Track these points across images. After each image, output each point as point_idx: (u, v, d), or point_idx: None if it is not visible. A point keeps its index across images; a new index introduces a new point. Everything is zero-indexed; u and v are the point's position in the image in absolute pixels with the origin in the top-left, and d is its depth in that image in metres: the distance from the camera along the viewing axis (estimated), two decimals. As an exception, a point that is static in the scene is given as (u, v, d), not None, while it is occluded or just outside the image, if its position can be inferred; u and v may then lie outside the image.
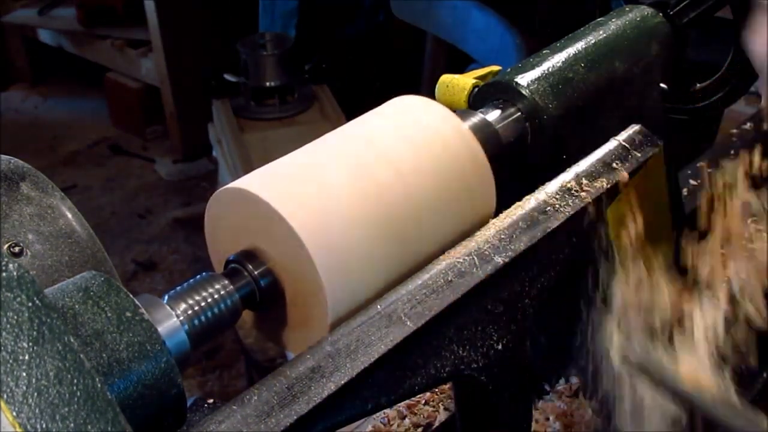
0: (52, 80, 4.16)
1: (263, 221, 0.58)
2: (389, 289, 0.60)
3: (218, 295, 0.57)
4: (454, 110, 0.69)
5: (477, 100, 0.75)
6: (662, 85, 0.85)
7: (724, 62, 0.90)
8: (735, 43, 0.87)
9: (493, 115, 0.71)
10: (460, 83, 0.77)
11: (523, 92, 0.72)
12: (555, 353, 0.60)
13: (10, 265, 0.41)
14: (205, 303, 0.56)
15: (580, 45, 0.77)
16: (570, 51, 0.76)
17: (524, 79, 0.72)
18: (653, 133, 0.76)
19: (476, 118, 0.70)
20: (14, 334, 0.39)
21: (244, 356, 2.30)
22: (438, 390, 0.95)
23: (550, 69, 0.74)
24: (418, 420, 0.93)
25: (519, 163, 0.74)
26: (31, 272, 0.44)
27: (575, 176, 0.70)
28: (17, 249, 0.55)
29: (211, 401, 0.66)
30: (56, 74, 4.13)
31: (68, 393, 0.39)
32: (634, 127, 0.76)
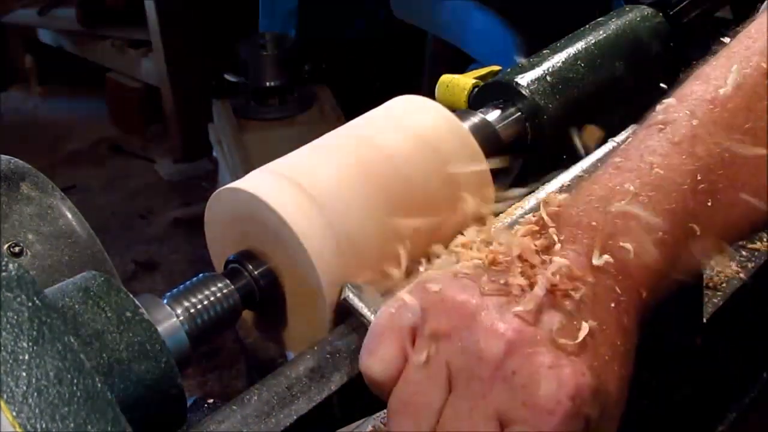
0: (52, 80, 4.15)
1: (263, 221, 0.58)
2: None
3: (218, 295, 0.57)
4: (454, 110, 0.69)
5: (477, 100, 0.75)
6: (662, 85, 0.85)
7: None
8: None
9: (493, 115, 0.71)
10: (460, 83, 0.77)
11: (523, 92, 0.72)
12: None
13: (10, 265, 0.41)
14: (205, 303, 0.56)
15: (580, 45, 0.77)
16: (570, 51, 0.76)
17: (524, 79, 0.72)
18: (653, 133, 0.75)
19: (476, 118, 0.70)
20: (14, 334, 0.39)
21: (244, 356, 2.30)
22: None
23: (550, 69, 0.74)
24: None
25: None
26: (31, 272, 0.44)
27: (575, 176, 0.70)
28: (17, 249, 0.55)
29: (211, 401, 0.66)
30: (56, 74, 4.13)
31: (68, 393, 0.39)
32: (634, 127, 0.75)
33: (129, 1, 3.53)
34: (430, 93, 0.75)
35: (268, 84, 2.85)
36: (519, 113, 0.73)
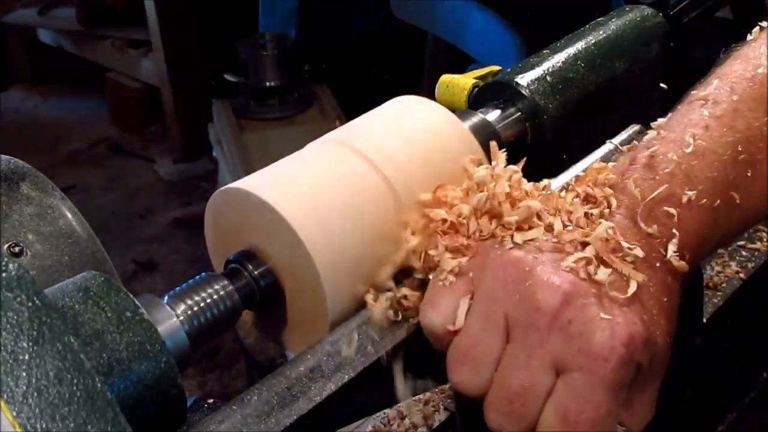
0: (52, 80, 4.15)
1: (263, 221, 0.58)
2: (389, 289, 0.59)
3: (218, 295, 0.57)
4: (454, 110, 0.69)
5: (477, 100, 0.75)
6: (662, 85, 0.85)
7: (724, 62, 0.89)
8: (735, 44, 0.87)
9: (493, 115, 0.71)
10: (460, 83, 0.77)
11: (523, 92, 0.72)
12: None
13: (10, 265, 0.41)
14: (205, 303, 0.56)
15: (580, 45, 0.77)
16: (570, 51, 0.76)
17: (524, 79, 0.72)
18: (653, 133, 0.75)
19: (476, 118, 0.70)
20: (14, 334, 0.39)
21: (244, 356, 2.30)
22: (438, 390, 0.95)
23: (550, 69, 0.74)
24: (418, 420, 0.93)
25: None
26: (31, 272, 0.44)
27: (576, 176, 0.70)
28: (17, 249, 0.55)
29: (211, 401, 0.66)
30: (56, 74, 4.13)
31: (68, 393, 0.39)
32: (634, 127, 0.75)
33: (129, 1, 3.53)
34: (430, 93, 0.75)
35: (268, 84, 2.86)
36: (519, 113, 0.72)
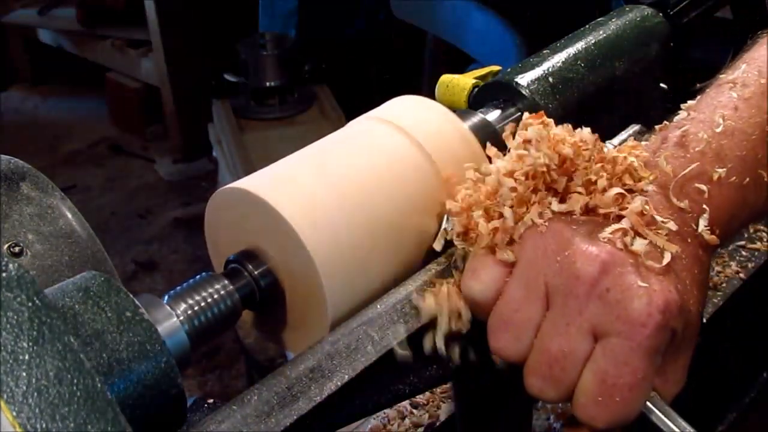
0: (52, 80, 4.15)
1: (263, 221, 0.58)
2: (389, 289, 0.60)
3: (218, 295, 0.57)
4: (454, 110, 0.69)
5: (477, 100, 0.75)
6: (662, 85, 0.85)
7: (724, 62, 0.89)
8: (735, 43, 0.87)
9: (493, 115, 0.71)
10: (460, 83, 0.77)
11: (523, 92, 0.72)
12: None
13: (10, 265, 0.41)
14: (205, 303, 0.56)
15: (580, 45, 0.77)
16: (570, 51, 0.76)
17: (524, 79, 0.72)
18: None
19: (476, 118, 0.70)
20: (14, 334, 0.39)
21: (244, 356, 2.30)
22: (438, 390, 0.95)
23: (550, 69, 0.74)
24: (418, 420, 0.93)
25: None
26: (31, 272, 0.44)
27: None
28: (17, 249, 0.54)
29: (211, 401, 0.66)
30: (56, 74, 4.13)
31: (68, 393, 0.39)
32: (634, 127, 0.75)
33: (129, 1, 3.53)
34: (430, 93, 0.75)
35: (268, 84, 2.86)
36: (519, 113, 0.72)
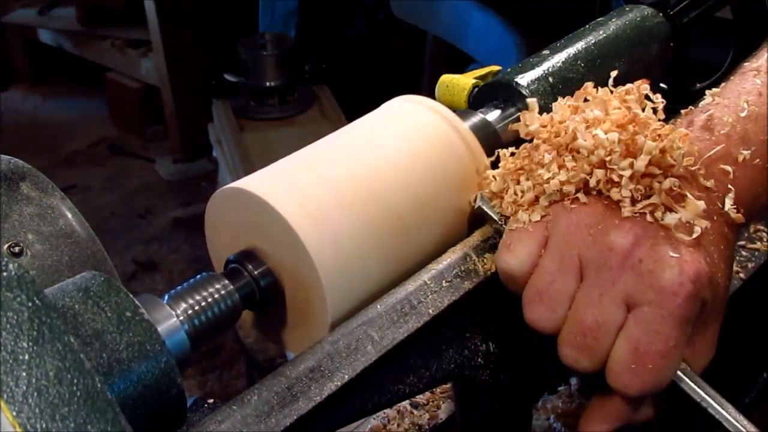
0: (52, 80, 4.16)
1: (263, 221, 0.58)
2: (389, 289, 0.60)
3: (218, 295, 0.57)
4: (454, 110, 0.69)
5: (477, 100, 0.75)
6: (662, 85, 0.85)
7: (724, 62, 0.89)
8: (735, 43, 0.87)
9: (493, 115, 0.71)
10: (460, 83, 0.77)
11: (523, 92, 0.72)
12: (555, 353, 0.60)
13: (10, 265, 0.41)
14: (205, 303, 0.56)
15: (580, 45, 0.77)
16: (570, 51, 0.76)
17: (524, 79, 0.72)
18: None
19: (476, 118, 0.70)
20: (14, 334, 0.39)
21: (244, 356, 2.30)
22: (438, 390, 0.95)
23: (550, 69, 0.74)
24: (418, 420, 0.93)
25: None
26: (31, 272, 0.44)
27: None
28: (17, 249, 0.54)
29: (211, 401, 0.66)
30: (56, 74, 4.13)
31: (68, 393, 0.39)
32: (634, 127, 0.75)
33: (129, 1, 3.53)
34: (430, 93, 0.75)
35: (268, 84, 2.86)
36: (519, 113, 0.72)
